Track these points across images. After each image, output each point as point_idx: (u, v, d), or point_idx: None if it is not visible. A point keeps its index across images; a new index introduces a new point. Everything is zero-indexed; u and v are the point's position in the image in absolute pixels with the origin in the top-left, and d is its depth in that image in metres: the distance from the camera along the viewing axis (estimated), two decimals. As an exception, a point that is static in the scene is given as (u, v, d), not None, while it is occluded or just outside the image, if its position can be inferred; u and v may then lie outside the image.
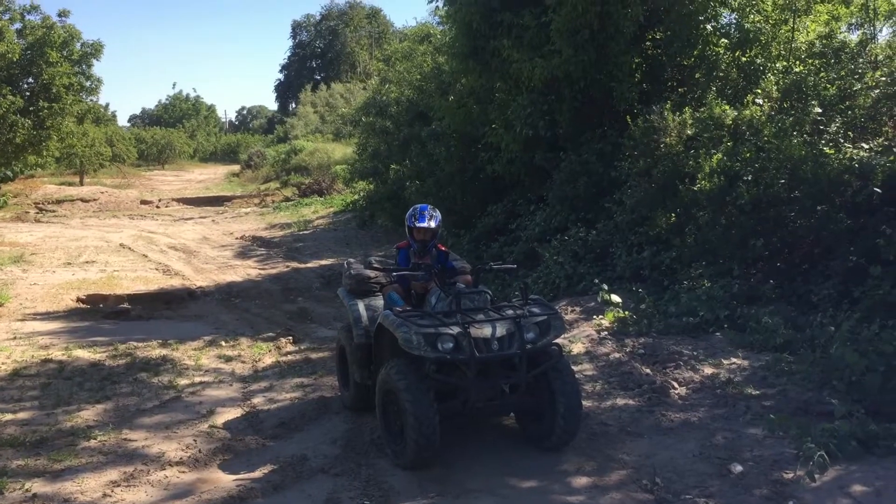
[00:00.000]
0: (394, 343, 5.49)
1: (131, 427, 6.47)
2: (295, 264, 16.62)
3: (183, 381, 7.86)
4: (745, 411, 5.96)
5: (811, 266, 8.12)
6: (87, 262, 16.18)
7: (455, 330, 5.28)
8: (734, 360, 6.97)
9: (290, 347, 9.44)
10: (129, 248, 18.40)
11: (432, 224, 6.33)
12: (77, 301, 12.40)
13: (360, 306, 6.47)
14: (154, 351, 9.08)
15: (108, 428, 6.39)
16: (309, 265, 16.50)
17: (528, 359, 5.39)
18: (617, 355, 7.53)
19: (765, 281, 8.23)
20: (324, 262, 16.62)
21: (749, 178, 8.60)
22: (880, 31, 12.18)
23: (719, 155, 9.04)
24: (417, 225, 6.31)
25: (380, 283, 6.57)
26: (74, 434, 6.27)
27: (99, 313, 11.49)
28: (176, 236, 21.20)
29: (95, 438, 6.15)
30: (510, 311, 5.59)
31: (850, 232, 7.78)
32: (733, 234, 8.54)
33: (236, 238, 21.14)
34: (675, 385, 6.58)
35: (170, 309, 12.09)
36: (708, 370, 6.78)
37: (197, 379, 7.99)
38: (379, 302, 6.45)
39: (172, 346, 9.29)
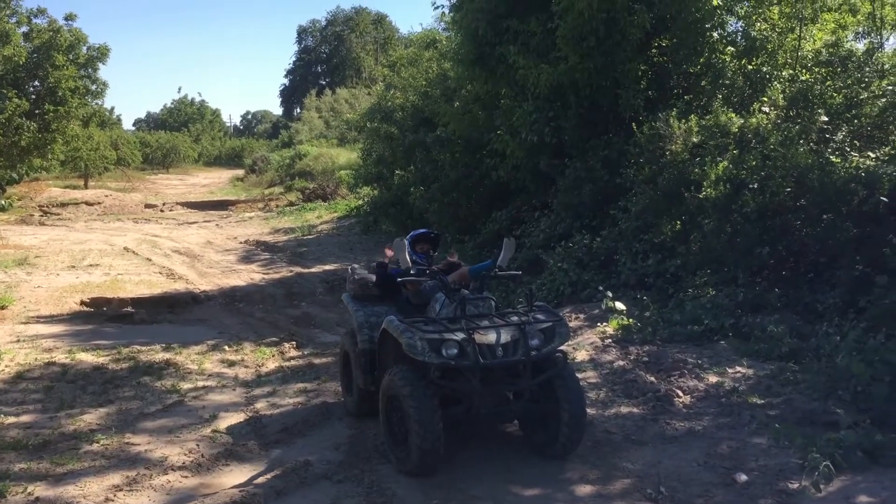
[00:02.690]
0: (398, 349, 5.48)
1: (134, 431, 6.45)
2: (298, 269, 16.62)
3: (186, 386, 7.85)
4: (750, 420, 5.93)
5: (817, 275, 8.09)
6: (90, 266, 16.19)
7: (459, 336, 5.26)
8: (739, 368, 6.93)
9: (294, 352, 9.43)
10: (133, 252, 18.42)
11: (431, 235, 6.70)
12: (81, 304, 12.41)
13: (364, 312, 6.47)
14: (157, 355, 9.06)
15: (111, 432, 6.38)
16: (312, 270, 16.50)
17: (532, 365, 5.37)
18: (621, 363, 7.51)
19: (770, 289, 8.20)
20: (327, 268, 16.63)
21: (755, 187, 8.58)
22: (887, 39, 12.25)
23: (725, 163, 9.01)
24: (419, 232, 6.65)
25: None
26: (77, 438, 6.26)
27: (102, 317, 11.50)
28: (180, 240, 21.23)
29: (98, 442, 6.14)
30: (515, 318, 5.57)
31: (856, 241, 7.76)
32: (738, 242, 8.51)
33: (240, 242, 21.16)
34: (680, 393, 6.55)
35: (173, 313, 12.09)
36: (712, 378, 6.75)
37: (200, 383, 7.97)
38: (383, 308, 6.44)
39: (175, 351, 9.27)
